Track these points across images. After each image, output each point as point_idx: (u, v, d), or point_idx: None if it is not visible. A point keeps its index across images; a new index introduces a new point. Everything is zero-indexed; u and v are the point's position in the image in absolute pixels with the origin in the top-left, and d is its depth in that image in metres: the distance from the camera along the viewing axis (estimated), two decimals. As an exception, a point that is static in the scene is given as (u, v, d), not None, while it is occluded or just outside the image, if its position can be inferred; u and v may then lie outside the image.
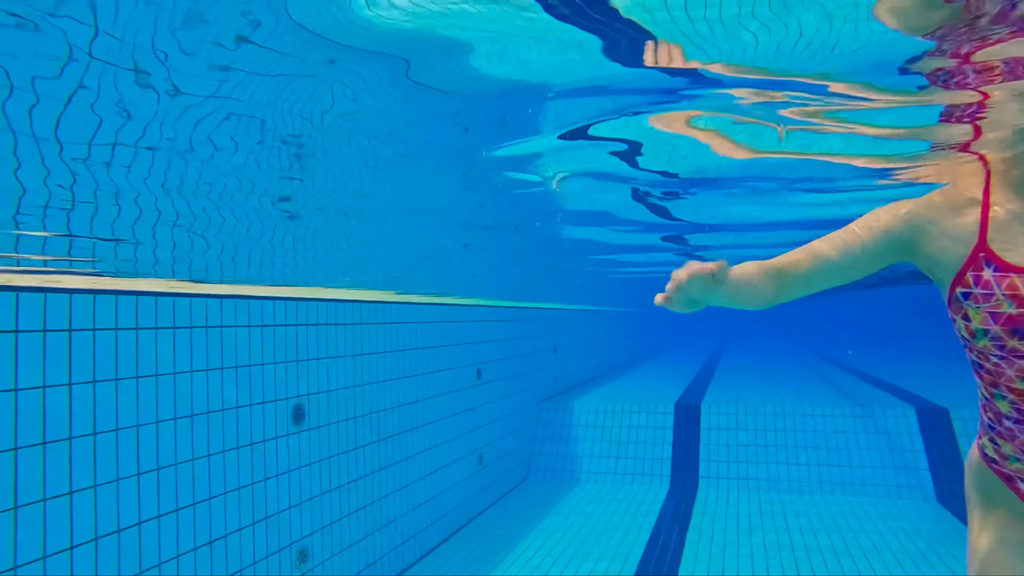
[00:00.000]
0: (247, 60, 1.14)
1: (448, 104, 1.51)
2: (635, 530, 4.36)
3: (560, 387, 6.94)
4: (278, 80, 1.25)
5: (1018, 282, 1.16)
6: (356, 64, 1.23)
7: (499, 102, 1.53)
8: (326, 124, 1.51)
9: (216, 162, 1.59)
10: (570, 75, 1.36)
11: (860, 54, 1.24)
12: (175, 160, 1.53)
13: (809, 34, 1.15)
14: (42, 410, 1.88)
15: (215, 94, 1.25)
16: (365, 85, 1.33)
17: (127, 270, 2.45)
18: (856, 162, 2.24)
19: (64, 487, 1.93)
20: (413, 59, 1.23)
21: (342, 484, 3.30)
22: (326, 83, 1.30)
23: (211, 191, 1.78)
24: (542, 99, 1.52)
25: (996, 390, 1.26)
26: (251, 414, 2.70)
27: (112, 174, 1.51)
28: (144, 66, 1.09)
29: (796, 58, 1.26)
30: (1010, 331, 1.17)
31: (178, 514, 2.31)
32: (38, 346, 1.88)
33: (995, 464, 1.35)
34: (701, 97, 1.52)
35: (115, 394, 2.11)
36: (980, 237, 1.23)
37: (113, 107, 1.21)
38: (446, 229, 3.07)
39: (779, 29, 1.13)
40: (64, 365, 1.95)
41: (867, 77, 1.37)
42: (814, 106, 1.53)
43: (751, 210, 3.47)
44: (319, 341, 3.18)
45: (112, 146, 1.38)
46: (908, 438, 5.18)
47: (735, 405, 5.74)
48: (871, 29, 1.13)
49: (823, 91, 1.45)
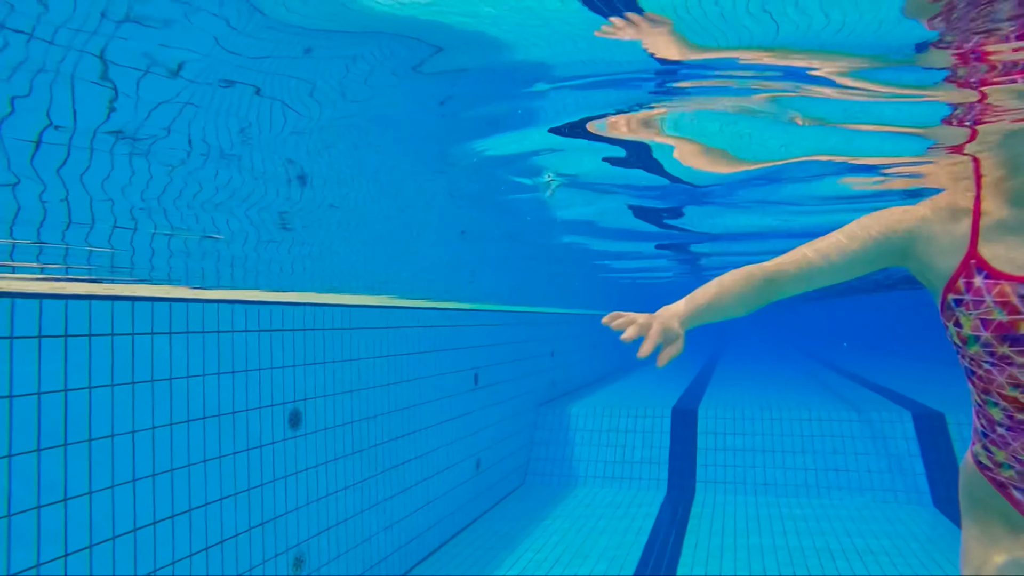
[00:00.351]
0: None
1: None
2: (632, 533, 4.36)
3: (557, 391, 6.94)
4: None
5: (1008, 289, 1.18)
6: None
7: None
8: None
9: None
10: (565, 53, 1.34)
11: (868, 42, 1.25)
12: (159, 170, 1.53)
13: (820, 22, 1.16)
14: (37, 415, 1.88)
15: (175, 98, 1.25)
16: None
17: (123, 276, 2.45)
18: (856, 160, 2.25)
19: (59, 494, 1.92)
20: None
21: (339, 488, 3.29)
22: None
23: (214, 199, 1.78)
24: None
25: (988, 396, 1.27)
26: (248, 418, 2.70)
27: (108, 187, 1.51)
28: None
29: (807, 41, 1.27)
30: (1000, 338, 1.18)
31: (174, 520, 2.30)
32: (34, 352, 1.88)
33: (989, 471, 1.35)
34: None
35: (111, 399, 2.10)
36: (971, 245, 1.24)
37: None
38: (442, 232, 3.08)
39: (786, 16, 1.15)
40: (59, 370, 1.95)
41: (872, 68, 1.38)
42: (816, 89, 1.52)
43: (749, 219, 3.49)
44: (316, 345, 3.18)
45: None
46: (904, 442, 5.20)
47: (732, 410, 5.75)
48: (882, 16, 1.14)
49: (831, 83, 1.46)
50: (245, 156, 1.69)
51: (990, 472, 1.35)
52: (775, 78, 1.46)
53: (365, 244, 2.94)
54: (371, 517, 3.55)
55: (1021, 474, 1.28)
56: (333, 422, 3.28)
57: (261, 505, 2.74)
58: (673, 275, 8.08)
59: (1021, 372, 1.19)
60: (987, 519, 1.37)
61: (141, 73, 1.16)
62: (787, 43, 1.28)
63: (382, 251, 3.14)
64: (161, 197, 1.72)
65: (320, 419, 3.18)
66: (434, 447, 4.28)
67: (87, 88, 1.15)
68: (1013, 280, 1.17)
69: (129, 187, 1.59)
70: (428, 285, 4.17)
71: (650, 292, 11.53)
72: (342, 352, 3.38)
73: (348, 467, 3.37)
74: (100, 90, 1.17)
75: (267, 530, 2.76)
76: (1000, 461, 1.31)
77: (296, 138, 1.65)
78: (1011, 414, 1.24)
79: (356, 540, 3.41)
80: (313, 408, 3.13)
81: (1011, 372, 1.20)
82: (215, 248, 2.26)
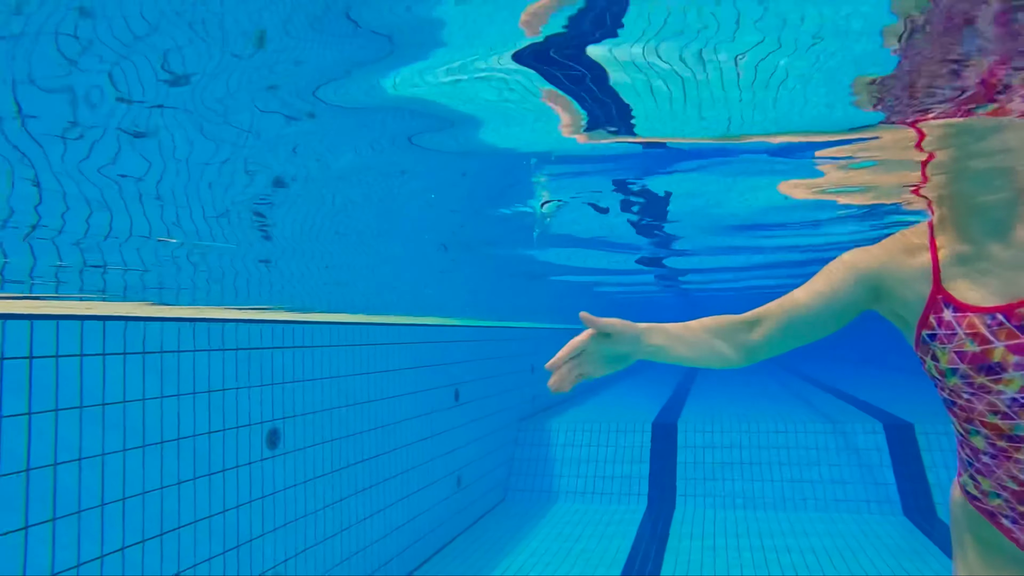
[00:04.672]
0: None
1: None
2: (613, 549, 4.36)
3: (538, 406, 6.94)
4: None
5: (976, 321, 1.19)
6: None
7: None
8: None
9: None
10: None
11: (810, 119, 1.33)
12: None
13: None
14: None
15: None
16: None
17: (93, 294, 2.40)
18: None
19: (19, 522, 1.86)
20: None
21: (318, 509, 3.24)
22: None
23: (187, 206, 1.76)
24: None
25: (971, 426, 1.27)
26: (224, 439, 2.65)
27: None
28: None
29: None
30: (976, 368, 1.20)
31: (144, 545, 2.24)
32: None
33: (977, 501, 1.35)
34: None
35: (79, 422, 2.05)
36: (934, 280, 1.26)
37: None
38: (423, 248, 3.09)
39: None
40: (23, 393, 1.90)
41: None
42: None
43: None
44: (295, 363, 3.15)
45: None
46: (877, 453, 5.31)
47: (711, 423, 5.82)
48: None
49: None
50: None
51: (979, 502, 1.34)
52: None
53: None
54: (350, 537, 3.49)
55: (1008, 502, 1.27)
56: (311, 441, 3.23)
57: (237, 527, 2.68)
58: (657, 289, 8.18)
59: (998, 399, 1.20)
60: (980, 550, 1.36)
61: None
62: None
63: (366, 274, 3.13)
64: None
65: (299, 438, 3.13)
66: (414, 464, 4.24)
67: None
68: (980, 311, 1.19)
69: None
70: (407, 300, 4.16)
71: (632, 306, 11.62)
72: (321, 370, 3.35)
73: (325, 487, 3.33)
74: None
75: (242, 552, 2.70)
76: (987, 490, 1.31)
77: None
78: (993, 441, 1.24)
79: (334, 561, 3.35)
80: (292, 427, 3.09)
81: (989, 400, 1.21)
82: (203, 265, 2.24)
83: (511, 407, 6.09)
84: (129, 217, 1.63)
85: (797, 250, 3.65)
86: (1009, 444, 1.22)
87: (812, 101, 1.28)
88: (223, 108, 1.18)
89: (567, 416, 6.33)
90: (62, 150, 1.22)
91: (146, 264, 2.03)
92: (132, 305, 2.46)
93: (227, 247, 2.04)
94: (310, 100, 1.19)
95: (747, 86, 1.18)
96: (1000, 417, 1.21)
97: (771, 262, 4.04)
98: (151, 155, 1.33)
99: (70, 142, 1.18)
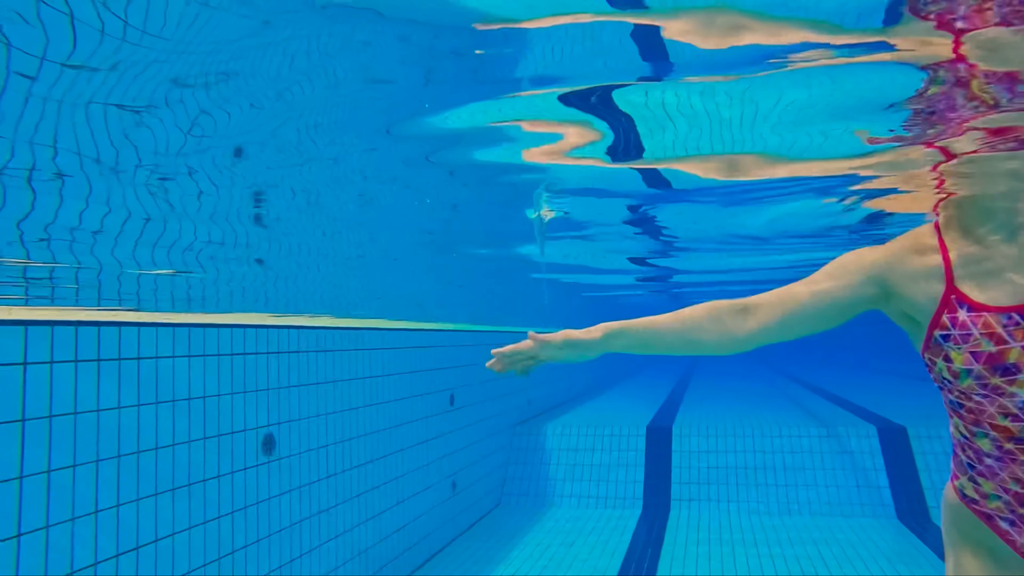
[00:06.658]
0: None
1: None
2: (609, 554, 4.37)
3: (533, 410, 6.94)
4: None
5: (992, 320, 1.18)
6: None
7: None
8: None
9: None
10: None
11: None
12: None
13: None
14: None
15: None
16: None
17: (85, 297, 2.39)
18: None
19: (12, 530, 1.85)
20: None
21: (312, 514, 3.23)
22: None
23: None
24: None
25: (978, 428, 1.26)
26: (219, 445, 2.64)
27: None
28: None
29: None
30: (991, 368, 1.18)
31: (138, 552, 2.23)
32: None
33: (975, 504, 1.34)
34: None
35: (73, 429, 2.05)
36: (947, 280, 1.24)
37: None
38: (416, 244, 3.08)
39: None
40: (17, 399, 1.89)
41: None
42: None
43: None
44: (290, 369, 3.14)
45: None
46: (870, 457, 5.34)
47: (705, 427, 5.83)
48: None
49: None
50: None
51: (976, 505, 1.33)
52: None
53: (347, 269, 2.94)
54: (345, 543, 3.48)
55: (1009, 504, 1.26)
56: (307, 446, 3.22)
57: (232, 533, 2.67)
58: (646, 293, 8.20)
59: (1010, 401, 1.18)
60: (971, 552, 1.36)
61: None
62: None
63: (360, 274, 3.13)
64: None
65: (294, 444, 3.12)
66: (410, 469, 4.23)
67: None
68: (996, 311, 1.18)
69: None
70: (403, 305, 4.16)
71: (625, 310, 11.65)
72: (316, 375, 3.34)
73: (320, 492, 3.32)
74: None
75: (236, 558, 2.69)
76: (987, 492, 1.30)
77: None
78: (1000, 444, 1.23)
79: (329, 567, 3.34)
80: (288, 433, 3.08)
81: (1001, 402, 1.20)
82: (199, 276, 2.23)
83: (506, 411, 6.09)
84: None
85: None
86: (1016, 446, 1.22)
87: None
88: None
89: (562, 420, 6.33)
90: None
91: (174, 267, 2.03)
92: (125, 311, 2.45)
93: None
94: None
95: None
96: (1011, 419, 1.20)
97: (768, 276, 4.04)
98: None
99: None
